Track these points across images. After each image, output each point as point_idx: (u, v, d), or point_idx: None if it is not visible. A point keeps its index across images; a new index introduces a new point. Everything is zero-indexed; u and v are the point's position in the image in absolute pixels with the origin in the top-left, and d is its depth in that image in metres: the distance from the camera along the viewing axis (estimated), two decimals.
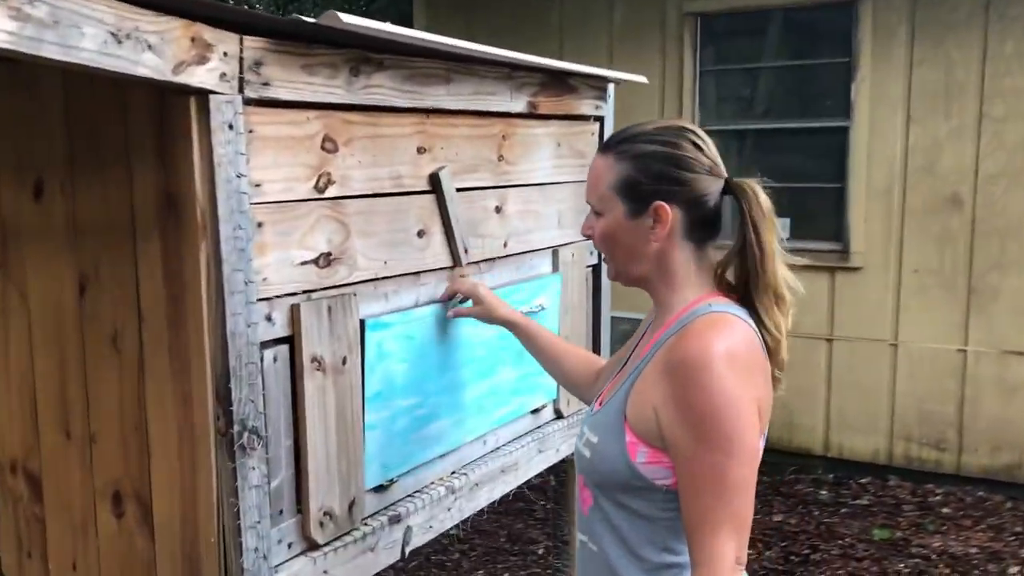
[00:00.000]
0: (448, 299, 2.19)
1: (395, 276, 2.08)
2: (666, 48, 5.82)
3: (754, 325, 1.53)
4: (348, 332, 1.92)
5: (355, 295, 1.94)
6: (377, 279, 2.02)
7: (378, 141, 2.01)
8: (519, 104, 2.44)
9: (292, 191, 1.80)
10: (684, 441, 1.43)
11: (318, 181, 1.86)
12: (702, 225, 1.56)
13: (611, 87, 2.86)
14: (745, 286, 1.56)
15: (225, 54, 1.62)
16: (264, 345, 1.75)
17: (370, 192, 1.99)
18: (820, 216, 5.62)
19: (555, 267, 2.66)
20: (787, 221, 5.57)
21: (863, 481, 5.54)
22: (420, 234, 2.14)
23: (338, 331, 1.90)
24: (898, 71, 5.24)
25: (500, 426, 2.49)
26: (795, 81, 5.68)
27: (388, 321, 2.03)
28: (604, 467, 1.56)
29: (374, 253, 2.00)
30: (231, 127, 1.64)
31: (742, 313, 1.53)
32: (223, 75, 1.62)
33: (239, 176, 1.66)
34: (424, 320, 2.14)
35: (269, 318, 1.77)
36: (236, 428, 1.68)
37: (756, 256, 1.52)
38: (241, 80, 1.66)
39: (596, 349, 2.89)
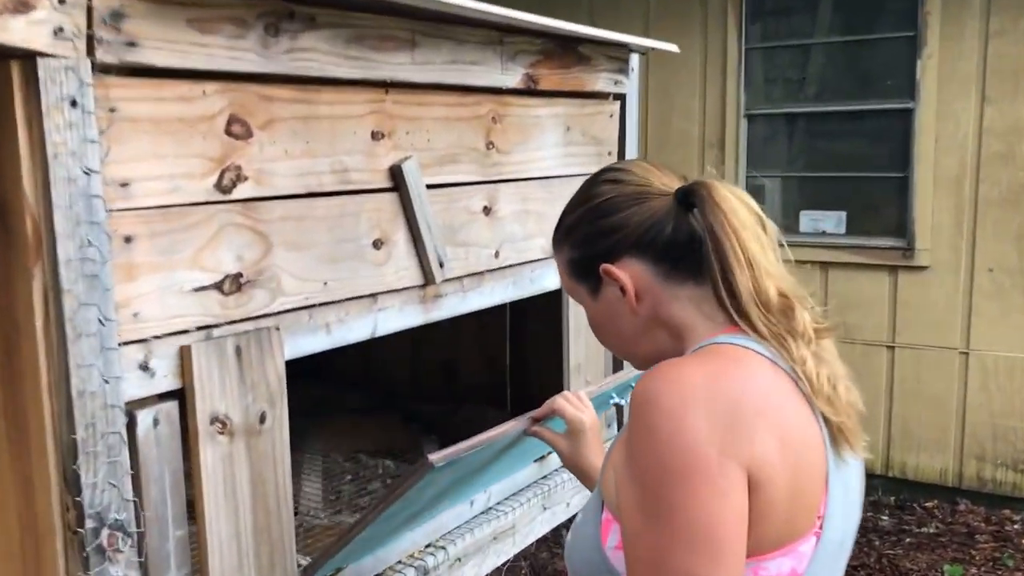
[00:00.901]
0: (542, 418, 1.56)
1: (341, 301, 1.59)
2: (708, 24, 5.28)
3: (783, 362, 1.07)
4: (268, 379, 1.44)
5: (278, 329, 1.46)
6: (313, 306, 1.54)
7: (313, 124, 1.52)
8: (513, 77, 1.93)
9: (180, 191, 1.32)
10: (627, 507, 1.01)
11: (221, 178, 1.38)
12: (677, 258, 1.15)
13: (635, 58, 2.34)
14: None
15: (61, 1, 1.14)
16: (137, 405, 1.28)
17: (302, 191, 1.51)
18: (881, 209, 5.05)
19: None
20: (843, 215, 5.04)
21: (928, 505, 4.96)
22: (377, 244, 1.65)
23: (252, 378, 1.42)
24: (971, 45, 4.64)
25: (493, 482, 1.99)
26: (852, 58, 5.11)
27: (457, 460, 1.44)
28: (577, 554, 1.18)
29: (308, 271, 1.52)
30: (74, 104, 1.17)
31: (759, 345, 1.08)
32: (59, 31, 1.15)
33: (87, 172, 1.18)
34: (494, 445, 1.53)
35: (145, 367, 1.29)
36: (90, 525, 1.21)
37: (715, 273, 1.11)
38: (90, 38, 1.18)
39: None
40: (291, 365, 1.53)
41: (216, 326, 1.38)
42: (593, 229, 1.18)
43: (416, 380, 2.91)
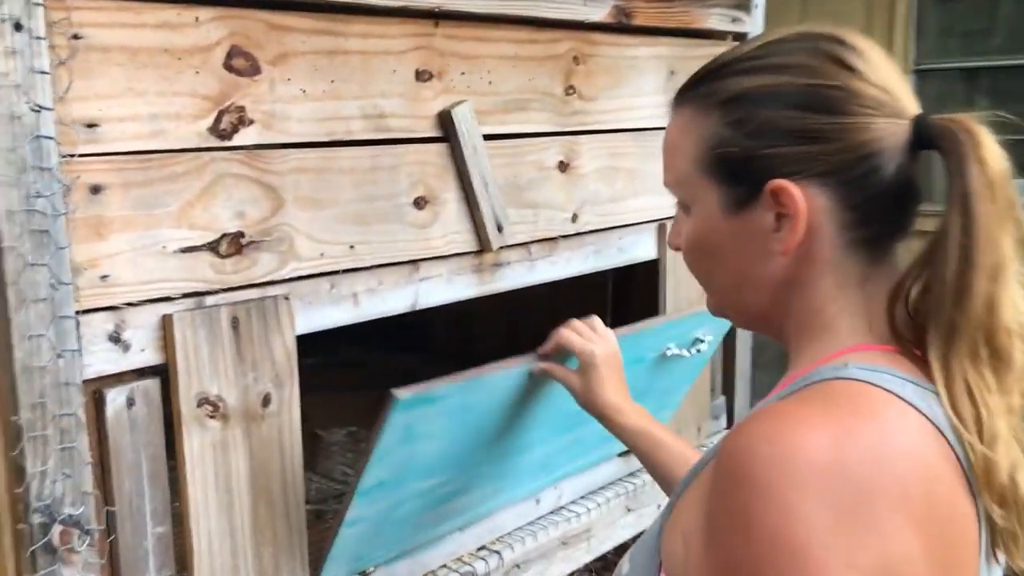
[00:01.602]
0: (551, 353, 1.36)
1: (372, 268, 1.38)
2: None
3: (935, 414, 0.72)
4: (274, 355, 1.25)
5: (287, 298, 1.26)
6: (335, 273, 1.33)
7: (340, 60, 1.30)
8: (599, 10, 1.65)
9: (164, 135, 1.13)
10: None
11: (219, 120, 1.18)
12: (873, 215, 0.79)
13: None
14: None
15: None
16: (108, 383, 1.11)
17: (324, 139, 1.30)
18: None
19: (659, 249, 1.87)
20: None
21: None
22: (419, 203, 1.42)
23: (253, 355, 1.22)
24: None
25: (564, 478, 1.75)
26: None
27: (433, 396, 1.27)
28: None
29: (329, 233, 1.31)
30: (19, 27, 0.99)
31: (908, 389, 0.73)
32: None
33: (36, 110, 1.01)
34: (495, 387, 1.36)
35: (117, 339, 1.11)
36: (37, 519, 1.04)
37: (951, 268, 0.73)
38: None
39: (726, 369, 2.07)
40: (377, 335, 1.31)
41: (209, 293, 1.19)
42: (791, 122, 0.78)
43: (513, 354, 2.68)
